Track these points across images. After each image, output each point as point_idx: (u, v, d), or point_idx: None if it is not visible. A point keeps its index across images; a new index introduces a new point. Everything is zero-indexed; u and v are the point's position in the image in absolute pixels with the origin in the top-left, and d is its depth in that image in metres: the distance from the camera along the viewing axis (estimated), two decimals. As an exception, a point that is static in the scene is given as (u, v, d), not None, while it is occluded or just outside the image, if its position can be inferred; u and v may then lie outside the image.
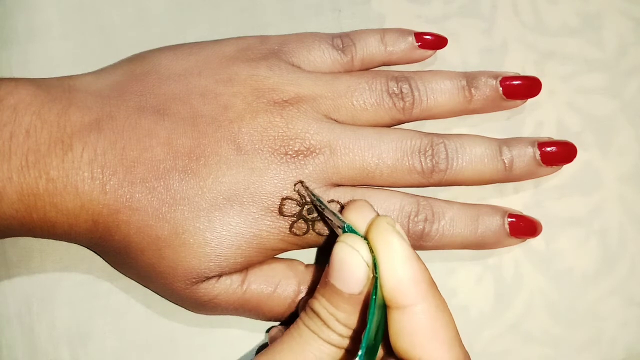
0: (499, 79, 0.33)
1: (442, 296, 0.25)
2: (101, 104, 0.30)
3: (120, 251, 0.30)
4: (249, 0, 0.35)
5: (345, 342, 0.26)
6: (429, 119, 0.33)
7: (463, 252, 0.33)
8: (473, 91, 0.33)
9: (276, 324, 0.32)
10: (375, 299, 0.24)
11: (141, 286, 0.32)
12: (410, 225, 0.31)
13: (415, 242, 0.31)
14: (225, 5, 0.35)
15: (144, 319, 0.33)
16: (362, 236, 0.26)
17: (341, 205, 0.30)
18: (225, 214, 0.29)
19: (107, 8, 0.35)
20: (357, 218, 0.27)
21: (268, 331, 0.32)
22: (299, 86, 0.31)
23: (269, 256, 0.31)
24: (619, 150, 0.34)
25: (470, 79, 0.33)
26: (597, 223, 0.34)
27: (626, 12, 0.35)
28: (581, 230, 0.34)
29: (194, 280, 0.30)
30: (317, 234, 0.31)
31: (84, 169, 0.28)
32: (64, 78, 0.31)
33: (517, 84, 0.33)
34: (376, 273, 0.25)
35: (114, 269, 0.32)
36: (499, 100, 0.33)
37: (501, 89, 0.33)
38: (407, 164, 0.31)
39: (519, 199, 0.34)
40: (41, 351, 0.32)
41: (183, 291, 0.30)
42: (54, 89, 0.30)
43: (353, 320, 0.26)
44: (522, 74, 0.34)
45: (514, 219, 0.32)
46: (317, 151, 0.30)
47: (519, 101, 0.34)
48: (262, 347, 0.33)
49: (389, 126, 0.33)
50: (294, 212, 0.30)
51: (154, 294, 0.32)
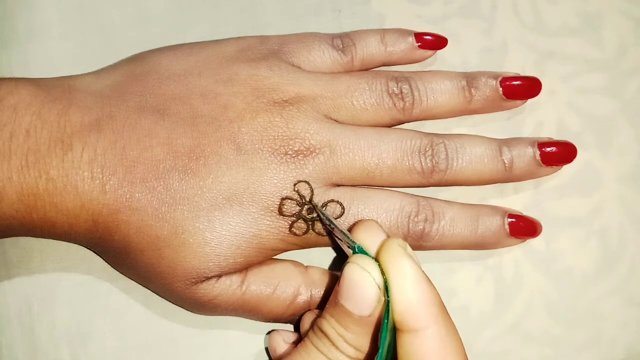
0: (499, 79, 0.33)
1: (452, 320, 0.25)
2: (101, 104, 0.30)
3: (120, 251, 0.30)
4: (249, 0, 0.35)
5: None
6: (429, 119, 0.33)
7: (463, 253, 0.33)
8: (473, 91, 0.33)
9: (273, 326, 0.32)
10: (387, 322, 0.24)
11: (141, 286, 0.32)
12: (410, 225, 0.31)
13: (415, 242, 0.31)
14: (225, 5, 0.35)
15: (144, 319, 0.33)
16: (373, 257, 0.26)
17: (341, 205, 0.30)
18: (225, 214, 0.29)
19: (107, 8, 0.35)
20: (366, 238, 0.27)
21: (269, 333, 0.32)
22: (299, 86, 0.31)
23: (268, 256, 0.31)
24: (619, 151, 0.34)
25: (470, 79, 0.33)
26: (597, 223, 0.34)
27: (626, 12, 0.35)
28: (581, 230, 0.34)
29: (193, 281, 0.30)
30: (317, 234, 0.31)
31: (83, 169, 0.28)
32: (64, 78, 0.31)
33: (517, 84, 0.33)
34: (387, 296, 0.24)
35: (114, 269, 0.32)
36: (499, 101, 0.33)
37: (501, 89, 0.33)
38: (407, 164, 0.31)
39: (519, 199, 0.34)
40: (41, 351, 0.32)
41: (182, 291, 0.30)
42: (54, 89, 0.30)
43: (362, 342, 0.26)
44: (522, 74, 0.34)
45: (514, 219, 0.32)
46: (317, 151, 0.30)
47: (519, 101, 0.34)
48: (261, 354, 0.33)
49: (389, 126, 0.33)
50: (294, 212, 0.30)
51: (153, 294, 0.32)
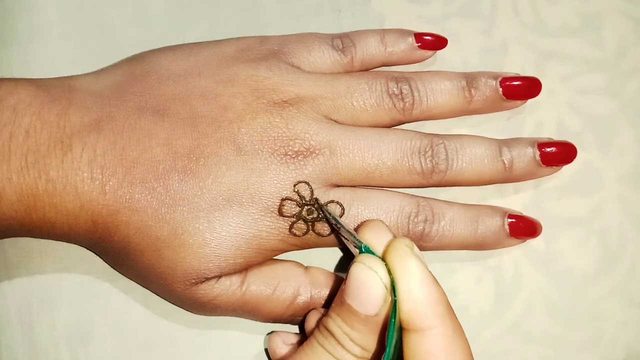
0: (499, 79, 0.33)
1: (459, 320, 0.25)
2: (101, 105, 0.30)
3: (120, 252, 0.30)
4: (249, 0, 0.35)
5: None
6: (429, 119, 0.33)
7: (463, 253, 0.33)
8: (473, 92, 0.33)
9: (273, 327, 0.32)
10: (395, 321, 0.24)
11: (141, 287, 0.32)
12: (410, 226, 0.31)
13: (415, 242, 0.31)
14: (225, 5, 0.35)
15: (144, 320, 0.33)
16: (379, 257, 0.26)
17: (341, 206, 0.30)
18: (224, 215, 0.29)
19: (107, 8, 0.35)
20: (373, 238, 0.27)
21: (269, 334, 0.32)
22: (298, 87, 0.31)
23: (268, 257, 0.31)
24: (619, 151, 0.34)
25: (470, 79, 0.33)
26: (597, 223, 0.34)
27: (626, 12, 0.35)
28: (581, 230, 0.34)
29: (193, 281, 0.30)
30: (316, 234, 0.31)
31: (83, 170, 0.28)
32: (64, 78, 0.31)
33: (517, 84, 0.33)
34: (394, 295, 0.25)
35: (114, 269, 0.32)
36: (499, 101, 0.33)
37: (501, 89, 0.33)
38: (407, 164, 0.31)
39: (518, 199, 0.34)
40: (41, 351, 0.32)
41: (182, 292, 0.30)
42: (54, 89, 0.30)
43: (368, 341, 0.26)
44: (522, 74, 0.34)
45: (513, 220, 0.32)
46: (316, 152, 0.30)
47: (519, 102, 0.34)
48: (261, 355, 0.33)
49: (389, 127, 0.33)
50: (294, 212, 0.30)
51: (153, 294, 0.32)
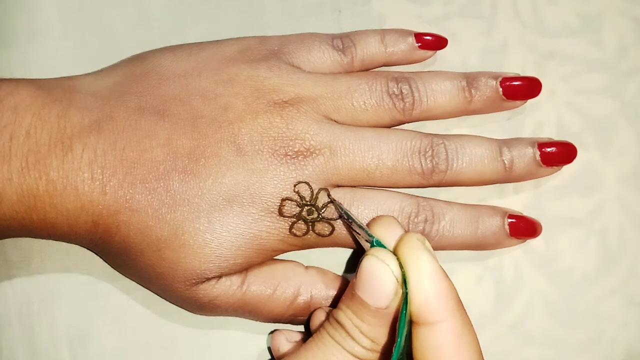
0: (499, 79, 0.33)
1: (468, 315, 0.25)
2: (101, 105, 0.30)
3: (120, 252, 0.30)
4: (249, 1, 0.35)
5: (370, 356, 0.26)
6: (429, 119, 0.33)
7: (463, 253, 0.33)
8: (473, 92, 0.33)
9: (273, 327, 0.32)
10: (406, 314, 0.24)
11: (141, 287, 0.32)
12: (411, 226, 0.31)
13: (415, 242, 0.31)
14: (225, 5, 0.35)
15: (144, 320, 0.33)
16: (391, 251, 0.26)
17: (341, 206, 0.30)
18: (225, 215, 0.29)
19: (107, 8, 0.35)
20: (384, 233, 0.27)
21: (271, 333, 0.32)
22: (299, 87, 0.31)
23: (268, 257, 0.31)
24: (619, 151, 0.34)
25: (471, 79, 0.33)
26: (597, 223, 0.34)
27: (626, 12, 0.35)
28: (581, 230, 0.34)
29: (193, 282, 0.30)
30: (316, 234, 0.31)
31: (84, 170, 0.28)
32: (64, 79, 0.31)
33: (517, 84, 0.33)
34: (406, 288, 0.25)
35: (114, 269, 0.32)
36: (499, 101, 0.33)
37: (501, 89, 0.33)
38: (407, 164, 0.31)
39: (519, 199, 0.34)
40: (41, 351, 0.32)
41: (183, 292, 0.30)
42: (54, 89, 0.30)
43: (377, 333, 0.26)
44: (522, 74, 0.34)
45: (513, 220, 0.32)
46: (317, 152, 0.30)
47: (519, 102, 0.34)
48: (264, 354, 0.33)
49: (389, 127, 0.33)
50: (294, 213, 0.30)
51: (153, 294, 0.32)
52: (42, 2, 0.34)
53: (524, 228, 0.32)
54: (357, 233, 0.29)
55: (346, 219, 0.30)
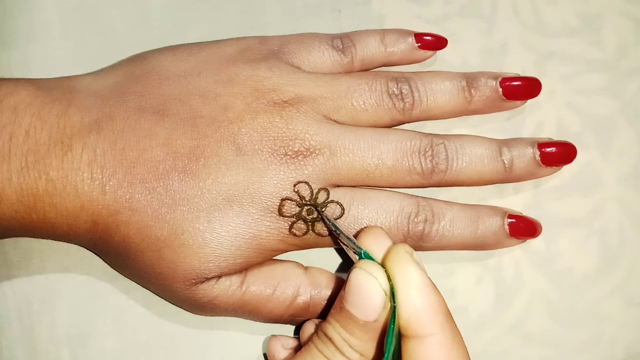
0: (499, 79, 0.33)
1: (457, 328, 0.25)
2: (101, 105, 0.30)
3: (120, 252, 0.30)
4: (249, 1, 0.35)
5: None
6: (429, 119, 0.33)
7: (463, 253, 0.33)
8: (473, 92, 0.33)
9: (273, 327, 0.32)
10: (394, 327, 0.24)
11: (141, 287, 0.32)
12: (410, 226, 0.31)
13: (415, 243, 0.31)
14: (225, 5, 0.35)
15: (144, 320, 0.33)
16: (379, 263, 0.26)
17: (341, 206, 0.30)
18: (224, 215, 0.29)
19: (107, 8, 0.35)
20: (372, 244, 0.27)
21: (268, 338, 0.32)
22: (298, 87, 0.31)
23: (268, 257, 0.31)
24: (619, 151, 0.34)
25: (470, 79, 0.33)
26: (597, 223, 0.34)
27: (626, 12, 0.35)
28: (581, 230, 0.34)
29: (193, 281, 0.30)
30: (316, 234, 0.31)
31: (83, 170, 0.28)
32: (64, 79, 0.31)
33: (517, 84, 0.33)
34: (394, 302, 0.25)
35: (114, 269, 0.32)
36: (499, 101, 0.33)
37: (501, 89, 0.33)
38: (407, 164, 0.31)
39: (518, 199, 0.34)
40: (41, 351, 0.32)
41: (182, 292, 0.30)
42: (54, 89, 0.30)
43: (367, 347, 0.26)
44: (522, 74, 0.34)
45: (513, 220, 0.32)
46: (316, 152, 0.30)
47: (519, 102, 0.34)
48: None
49: (389, 127, 0.33)
50: (294, 212, 0.30)
51: (153, 294, 0.32)
52: (42, 2, 0.34)
53: (524, 228, 0.32)
54: (345, 245, 0.29)
55: (334, 231, 0.29)
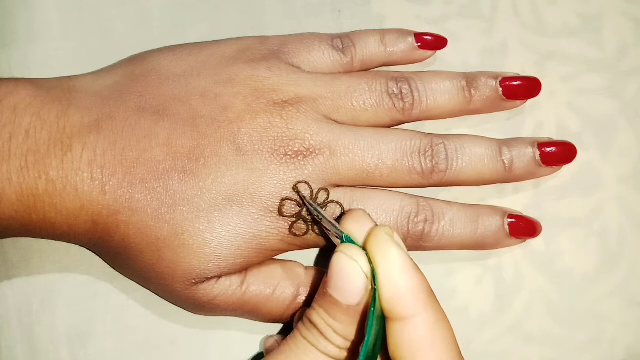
0: (499, 79, 0.33)
1: (442, 307, 0.25)
2: (101, 105, 0.30)
3: (120, 252, 0.30)
4: (249, 0, 0.35)
5: (343, 354, 0.26)
6: (428, 119, 0.33)
7: (463, 253, 0.33)
8: (473, 92, 0.33)
9: (273, 327, 0.32)
10: (374, 310, 0.24)
11: (141, 287, 0.32)
12: (410, 226, 0.31)
13: (415, 242, 0.31)
14: (225, 5, 0.35)
15: (144, 320, 0.33)
16: (360, 246, 0.25)
17: (341, 206, 0.30)
18: (224, 215, 0.29)
19: (107, 8, 0.35)
20: (355, 228, 0.26)
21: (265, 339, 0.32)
22: (298, 87, 0.31)
23: (268, 257, 0.31)
24: (619, 151, 0.34)
25: (470, 79, 0.33)
26: (597, 224, 0.34)
27: (626, 12, 0.35)
28: (581, 230, 0.34)
29: (193, 281, 0.30)
30: (316, 234, 0.31)
31: (83, 170, 0.28)
32: (64, 79, 0.31)
33: (517, 84, 0.33)
34: (375, 284, 0.24)
35: (114, 269, 0.32)
36: (499, 101, 0.33)
37: (501, 89, 0.33)
38: (407, 164, 0.31)
39: (518, 199, 0.34)
40: (41, 351, 0.32)
41: (182, 292, 0.30)
42: (54, 89, 0.30)
43: (351, 331, 0.26)
44: (522, 74, 0.34)
45: (513, 220, 0.32)
46: (316, 152, 0.30)
47: (519, 102, 0.34)
48: (258, 357, 0.33)
49: (389, 127, 0.33)
50: (294, 212, 0.30)
51: (153, 294, 0.32)
52: (42, 2, 0.34)
53: (523, 228, 0.32)
54: (327, 229, 0.28)
55: (316, 215, 0.29)
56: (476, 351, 0.33)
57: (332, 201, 0.30)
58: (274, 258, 0.32)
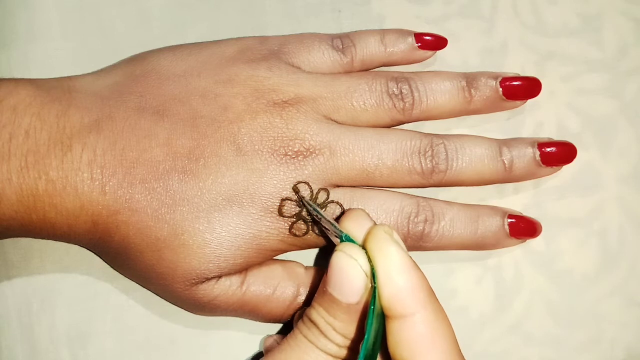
0: (499, 79, 0.33)
1: (441, 305, 0.25)
2: (101, 105, 0.30)
3: (120, 252, 0.30)
4: (249, 0, 0.35)
5: (343, 352, 0.26)
6: (428, 119, 0.33)
7: (463, 253, 0.33)
8: (473, 92, 0.33)
9: (273, 327, 0.32)
10: (374, 308, 0.24)
11: (141, 287, 0.32)
12: (410, 226, 0.31)
13: (415, 243, 0.31)
14: (225, 5, 0.35)
15: (144, 320, 0.33)
16: (360, 245, 0.25)
17: (341, 206, 0.30)
18: (224, 215, 0.29)
19: (107, 8, 0.35)
20: (354, 227, 0.26)
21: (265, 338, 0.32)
22: (298, 87, 0.31)
23: (268, 257, 0.31)
24: (619, 151, 0.34)
25: (470, 79, 0.33)
26: (597, 224, 0.34)
27: (626, 12, 0.35)
28: (581, 230, 0.34)
29: (193, 282, 0.30)
30: (316, 234, 0.31)
31: (83, 170, 0.28)
32: (64, 79, 0.31)
33: (517, 84, 0.33)
34: (374, 282, 0.24)
35: (114, 269, 0.32)
36: (499, 101, 0.33)
37: (501, 89, 0.33)
38: (407, 164, 0.31)
39: (518, 199, 0.34)
40: (41, 351, 0.32)
41: (182, 292, 0.30)
42: (54, 89, 0.30)
43: (351, 329, 0.26)
44: (522, 74, 0.34)
45: (513, 220, 0.32)
46: (316, 152, 0.30)
47: (519, 102, 0.34)
48: (257, 356, 0.33)
49: (389, 127, 0.33)
50: (294, 212, 0.30)
51: (153, 294, 0.32)
52: (42, 2, 0.34)
53: (523, 228, 0.32)
54: (327, 229, 0.28)
55: (315, 215, 0.29)
56: (476, 351, 0.33)
57: (332, 201, 0.30)
58: (274, 258, 0.32)
